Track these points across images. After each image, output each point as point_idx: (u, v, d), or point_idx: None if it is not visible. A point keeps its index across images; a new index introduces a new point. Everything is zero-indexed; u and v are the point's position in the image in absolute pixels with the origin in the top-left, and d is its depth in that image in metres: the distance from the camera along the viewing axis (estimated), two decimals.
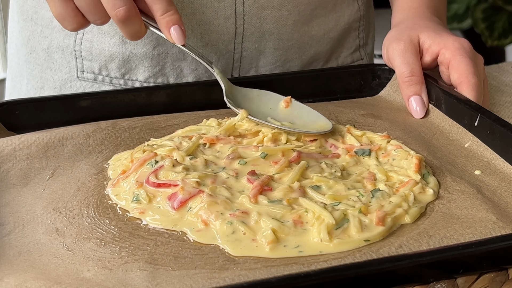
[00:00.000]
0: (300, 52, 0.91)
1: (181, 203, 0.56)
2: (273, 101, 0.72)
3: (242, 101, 0.72)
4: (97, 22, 0.70)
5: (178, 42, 0.71)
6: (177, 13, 0.70)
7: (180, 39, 0.71)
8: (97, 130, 0.71)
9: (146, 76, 0.87)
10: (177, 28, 0.70)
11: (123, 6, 0.67)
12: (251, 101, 0.73)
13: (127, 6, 0.67)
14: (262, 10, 0.86)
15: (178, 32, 0.70)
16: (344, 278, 0.46)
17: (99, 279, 0.48)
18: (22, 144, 0.67)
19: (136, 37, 0.71)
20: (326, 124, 0.68)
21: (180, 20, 0.71)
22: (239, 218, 0.54)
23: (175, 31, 0.70)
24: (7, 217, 0.57)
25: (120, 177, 0.62)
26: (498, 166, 0.64)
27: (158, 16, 0.70)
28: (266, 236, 0.52)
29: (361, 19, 0.96)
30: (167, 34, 0.71)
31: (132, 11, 0.68)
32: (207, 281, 0.48)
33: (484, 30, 2.15)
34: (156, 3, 0.69)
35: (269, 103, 0.72)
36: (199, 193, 0.56)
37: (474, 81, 0.73)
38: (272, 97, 0.73)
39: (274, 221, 0.53)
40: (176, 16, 0.70)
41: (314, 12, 0.90)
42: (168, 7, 0.70)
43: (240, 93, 0.73)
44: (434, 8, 0.87)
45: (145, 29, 0.71)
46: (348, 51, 0.97)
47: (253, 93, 0.74)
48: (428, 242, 0.52)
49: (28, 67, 0.92)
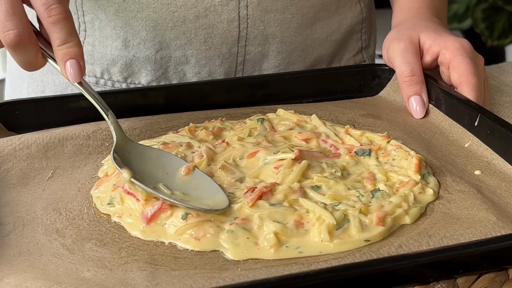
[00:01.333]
0: (303, 55, 0.91)
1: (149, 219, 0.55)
2: (172, 166, 0.61)
3: (135, 160, 0.62)
4: None
5: (73, 79, 0.62)
6: (78, 45, 0.62)
7: (76, 76, 0.62)
8: (97, 131, 0.71)
9: (148, 80, 0.87)
10: (74, 62, 0.62)
11: (13, 30, 0.59)
12: (147, 161, 0.62)
13: (18, 30, 0.59)
14: (265, 13, 0.86)
15: (74, 68, 0.62)
16: (344, 278, 0.46)
17: (99, 279, 0.48)
18: (22, 144, 0.67)
19: (29, 67, 0.63)
20: (222, 201, 0.57)
21: (80, 54, 0.62)
22: (241, 225, 0.53)
23: (71, 66, 0.62)
24: (7, 217, 0.57)
25: (104, 179, 0.62)
26: (498, 166, 0.64)
27: (55, 47, 0.61)
28: (269, 240, 0.52)
29: (364, 21, 0.97)
30: (62, 67, 0.62)
31: (23, 36, 0.59)
32: (207, 281, 0.48)
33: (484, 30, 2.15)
34: (55, 31, 0.61)
35: (167, 167, 0.61)
36: (164, 208, 0.55)
37: (474, 81, 0.73)
38: (173, 161, 0.62)
39: (276, 224, 0.53)
40: (76, 49, 0.61)
41: (317, 15, 0.90)
42: (68, 37, 0.61)
43: (136, 150, 0.63)
44: (435, 9, 0.87)
45: (42, 60, 0.63)
46: (350, 54, 0.97)
47: (151, 152, 0.63)
48: (428, 242, 0.52)
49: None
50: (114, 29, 0.84)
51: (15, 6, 0.59)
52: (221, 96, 0.80)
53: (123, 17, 0.84)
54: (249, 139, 0.67)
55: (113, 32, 0.85)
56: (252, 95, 0.81)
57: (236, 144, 0.66)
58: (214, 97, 0.80)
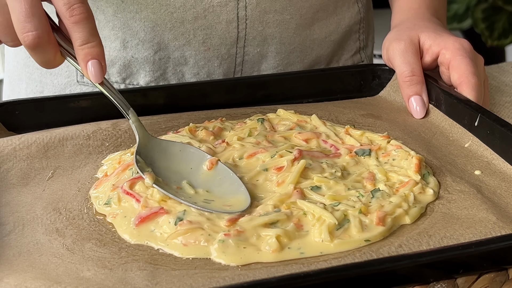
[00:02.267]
0: (302, 56, 0.91)
1: (140, 221, 0.55)
2: (196, 160, 0.62)
3: (159, 157, 0.62)
4: (8, 44, 0.63)
5: (95, 79, 0.61)
6: (99, 45, 0.61)
7: (97, 77, 0.61)
8: (97, 131, 0.71)
9: (147, 81, 0.87)
10: (95, 63, 0.61)
11: (32, 31, 0.59)
12: (171, 156, 0.62)
13: (37, 32, 0.59)
14: (264, 14, 0.86)
15: (96, 67, 0.61)
16: (344, 278, 0.46)
17: (99, 279, 0.48)
18: (22, 144, 0.67)
19: (48, 66, 0.63)
20: (244, 201, 0.57)
21: (101, 54, 0.61)
22: (235, 237, 0.52)
23: (92, 66, 0.61)
24: (7, 217, 0.57)
25: (104, 179, 0.62)
26: (498, 166, 0.64)
27: (76, 46, 0.61)
28: (271, 244, 0.51)
29: (361, 22, 0.97)
30: (83, 67, 0.61)
31: (43, 37, 0.59)
32: (207, 280, 0.48)
33: (484, 30, 2.15)
34: (76, 31, 0.60)
35: (191, 162, 0.61)
36: (160, 212, 0.55)
37: (474, 81, 0.73)
38: (196, 155, 0.62)
39: (276, 229, 0.52)
40: (97, 49, 0.61)
41: (315, 16, 0.90)
42: (89, 37, 0.61)
43: (159, 146, 0.63)
44: (434, 9, 0.87)
45: (61, 59, 0.63)
46: (349, 54, 0.97)
47: (174, 147, 0.63)
48: (428, 242, 0.52)
49: (27, 71, 0.92)
50: (113, 30, 0.84)
51: (34, 7, 0.59)
52: (221, 96, 0.80)
53: (122, 18, 0.84)
54: (249, 139, 0.67)
55: (112, 33, 0.85)
56: (252, 95, 0.81)
57: (236, 144, 0.66)
58: (214, 97, 0.80)
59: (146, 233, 0.54)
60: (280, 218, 0.54)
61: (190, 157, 0.62)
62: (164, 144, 0.63)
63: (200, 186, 0.59)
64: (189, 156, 0.62)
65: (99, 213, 0.58)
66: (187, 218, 0.53)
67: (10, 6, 0.59)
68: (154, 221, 0.54)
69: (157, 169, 0.60)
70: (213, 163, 0.61)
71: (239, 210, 0.55)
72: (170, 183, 0.58)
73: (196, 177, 0.60)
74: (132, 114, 0.64)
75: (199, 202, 0.56)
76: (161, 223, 0.54)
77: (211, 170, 0.61)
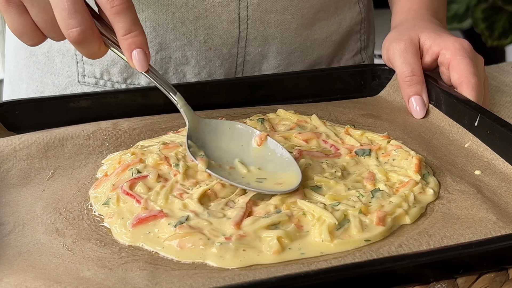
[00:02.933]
0: (303, 56, 0.91)
1: (137, 222, 0.54)
2: (245, 137, 0.63)
3: (210, 137, 0.63)
4: (55, 39, 0.64)
5: (140, 67, 0.62)
6: (142, 34, 0.62)
7: (143, 65, 0.62)
8: (97, 131, 0.71)
9: (148, 81, 0.87)
10: (140, 52, 0.62)
11: (76, 28, 0.60)
12: (221, 135, 0.64)
13: (81, 28, 0.60)
14: (265, 14, 0.86)
15: (141, 56, 0.62)
16: (344, 278, 0.46)
17: (99, 278, 0.48)
18: (22, 144, 0.67)
19: (93, 58, 0.65)
20: (296, 176, 0.59)
21: (145, 42, 0.62)
22: (237, 241, 0.52)
23: (137, 55, 0.62)
24: (7, 216, 0.57)
25: (103, 179, 0.62)
26: (498, 166, 0.64)
27: (120, 36, 0.62)
28: (272, 246, 0.51)
29: (362, 22, 0.97)
30: (128, 57, 0.63)
31: (87, 33, 0.61)
32: (207, 280, 0.48)
33: (484, 30, 2.15)
34: (119, 21, 0.61)
35: (241, 139, 0.63)
36: (159, 215, 0.55)
37: (474, 81, 0.73)
38: (245, 132, 0.64)
39: (277, 231, 0.52)
40: (140, 38, 0.62)
41: (316, 16, 0.90)
42: (132, 26, 0.61)
43: (209, 127, 0.64)
44: (434, 10, 0.87)
45: (105, 49, 0.64)
46: (349, 54, 0.97)
47: (224, 126, 0.64)
48: (428, 241, 0.52)
49: (28, 71, 0.92)
50: None
51: (76, 3, 0.60)
52: (221, 96, 0.80)
53: None
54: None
55: None
56: (252, 95, 0.81)
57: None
58: (214, 97, 0.80)
59: (142, 235, 0.53)
60: (282, 219, 0.54)
61: (240, 134, 0.64)
62: (213, 123, 0.65)
63: (252, 164, 0.61)
64: (239, 133, 0.64)
65: (97, 214, 0.57)
66: (189, 223, 0.53)
67: (53, 4, 0.60)
68: (151, 224, 0.54)
69: (209, 149, 0.62)
70: (263, 139, 0.63)
71: (291, 188, 0.57)
72: (223, 164, 0.60)
73: (247, 154, 0.62)
74: (179, 99, 0.65)
75: (252, 182, 0.58)
76: (160, 226, 0.54)
77: (261, 146, 0.62)
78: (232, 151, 0.62)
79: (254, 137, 0.63)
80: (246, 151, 0.62)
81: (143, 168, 0.61)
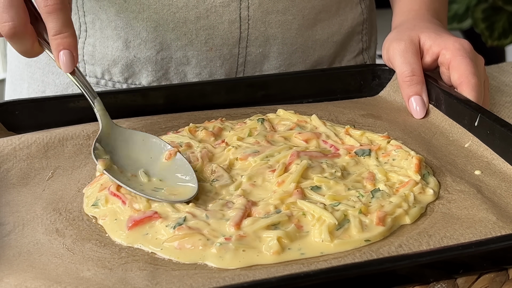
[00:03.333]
0: (304, 57, 0.91)
1: (133, 224, 0.54)
2: (156, 150, 0.64)
3: (121, 145, 0.64)
4: None
5: (65, 69, 0.63)
6: (72, 36, 0.63)
7: (68, 66, 0.63)
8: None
9: (149, 81, 0.87)
10: (67, 53, 0.63)
11: (9, 22, 0.61)
12: (133, 145, 0.64)
13: (13, 22, 0.61)
14: (266, 14, 0.86)
15: (67, 58, 0.63)
16: (344, 278, 0.46)
17: (99, 278, 0.48)
18: (22, 144, 0.67)
19: (27, 56, 0.65)
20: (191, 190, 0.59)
21: (73, 45, 0.63)
22: (237, 242, 0.51)
23: (64, 56, 0.63)
24: (7, 216, 0.57)
25: (98, 178, 0.62)
26: (498, 166, 0.64)
27: (50, 36, 0.63)
28: (272, 246, 0.51)
29: (364, 23, 0.97)
30: (55, 57, 0.64)
31: (19, 28, 0.62)
32: (207, 280, 0.48)
33: (484, 30, 2.15)
34: (50, 21, 0.62)
35: (152, 151, 0.64)
36: (154, 217, 0.55)
37: (474, 82, 0.73)
38: (157, 145, 0.64)
39: (277, 231, 0.52)
40: (69, 40, 0.63)
41: (318, 16, 0.90)
42: (63, 28, 0.62)
43: (122, 135, 0.65)
44: (435, 11, 0.87)
45: (39, 48, 0.65)
46: (351, 55, 0.97)
47: (138, 136, 0.65)
48: (428, 241, 0.52)
49: (29, 71, 0.92)
50: (115, 29, 0.84)
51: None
52: (221, 96, 0.80)
53: (124, 18, 0.84)
54: (249, 139, 0.67)
55: (114, 32, 0.85)
56: (252, 95, 0.81)
57: (234, 144, 0.66)
58: (214, 97, 0.80)
59: (139, 237, 0.53)
60: (282, 220, 0.54)
61: (152, 147, 0.64)
62: (127, 133, 0.65)
63: (155, 175, 0.61)
64: (151, 146, 0.64)
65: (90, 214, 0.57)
66: (187, 224, 0.53)
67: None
68: (148, 225, 0.54)
69: (117, 157, 0.62)
70: (172, 154, 0.63)
71: (182, 199, 0.57)
72: (126, 171, 0.61)
73: (153, 166, 0.62)
74: (98, 103, 0.66)
75: (147, 190, 0.58)
76: (157, 227, 0.54)
77: (169, 160, 0.63)
78: (140, 161, 0.62)
79: (165, 151, 0.63)
80: (154, 164, 0.63)
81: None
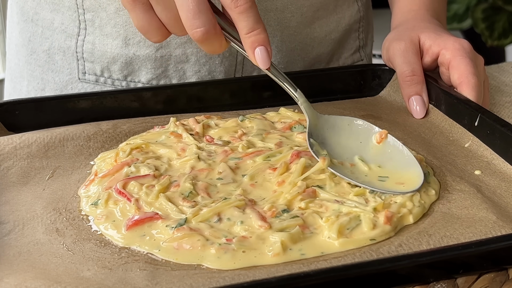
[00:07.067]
0: (302, 54, 0.91)
1: (133, 224, 0.54)
2: (364, 133, 0.63)
3: (330, 134, 0.64)
4: (177, 34, 0.67)
5: (262, 65, 0.64)
6: (264, 32, 0.64)
7: (265, 62, 0.64)
8: (98, 133, 0.71)
9: (148, 78, 0.87)
10: (262, 49, 0.64)
11: (201, 28, 0.62)
12: (340, 132, 0.64)
13: (205, 28, 0.62)
14: (265, 12, 0.86)
15: (263, 54, 0.64)
16: (344, 278, 0.46)
17: (99, 278, 0.48)
18: (23, 143, 0.67)
19: (214, 53, 0.67)
20: (418, 175, 0.58)
21: (267, 40, 0.64)
22: (239, 243, 0.51)
23: (260, 53, 0.64)
24: (7, 215, 0.57)
25: (94, 179, 0.62)
26: (498, 166, 0.64)
27: (242, 35, 0.64)
28: (275, 249, 0.51)
29: (361, 20, 0.97)
30: (251, 55, 0.64)
31: (210, 32, 0.63)
32: (207, 280, 0.48)
33: (484, 30, 2.15)
34: (242, 19, 0.63)
35: (360, 135, 0.63)
36: (155, 217, 0.54)
37: (474, 81, 0.73)
38: (364, 128, 0.63)
39: (282, 234, 0.52)
40: (263, 36, 0.64)
41: (316, 14, 0.90)
42: (254, 24, 0.63)
43: (327, 123, 0.65)
44: (434, 11, 0.87)
45: (226, 45, 0.66)
46: (348, 52, 0.97)
47: (343, 121, 0.65)
48: (428, 241, 0.52)
49: (29, 69, 0.92)
50: (115, 27, 0.84)
51: (201, 4, 0.61)
52: (221, 96, 0.80)
53: (124, 16, 0.84)
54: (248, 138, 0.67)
55: (114, 30, 0.85)
56: (252, 95, 0.81)
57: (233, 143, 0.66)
58: (214, 98, 0.80)
59: (137, 237, 0.53)
60: (298, 223, 0.53)
61: (359, 131, 0.64)
62: (332, 119, 0.65)
63: (371, 161, 0.60)
64: (358, 130, 0.64)
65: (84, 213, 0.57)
66: (188, 225, 0.53)
67: (178, 3, 0.62)
68: (147, 226, 0.54)
69: (329, 146, 0.62)
70: (383, 136, 0.62)
71: (414, 189, 0.56)
72: (343, 161, 0.60)
73: (366, 151, 0.62)
74: (299, 96, 0.66)
75: (374, 181, 0.57)
76: (157, 228, 0.54)
77: (381, 143, 0.62)
78: (351, 147, 0.62)
79: (374, 134, 0.63)
80: (365, 148, 0.62)
81: (136, 169, 0.61)
